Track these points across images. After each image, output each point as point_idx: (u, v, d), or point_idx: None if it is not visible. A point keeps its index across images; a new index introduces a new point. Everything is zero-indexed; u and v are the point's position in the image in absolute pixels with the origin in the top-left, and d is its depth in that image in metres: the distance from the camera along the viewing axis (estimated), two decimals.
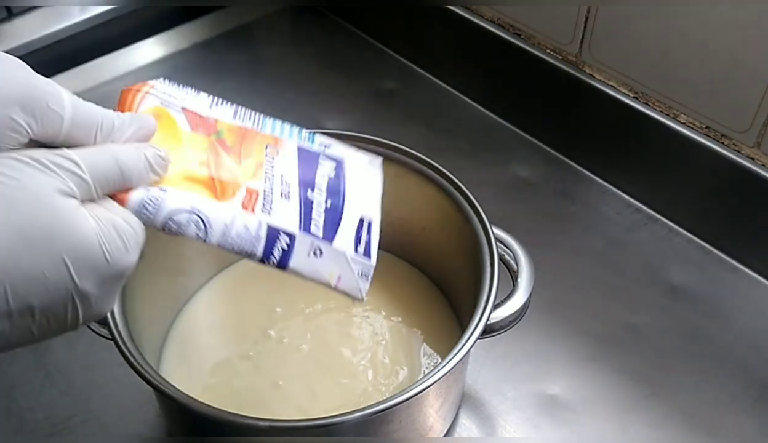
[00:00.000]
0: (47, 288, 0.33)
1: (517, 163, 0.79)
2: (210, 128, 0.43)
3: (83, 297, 0.34)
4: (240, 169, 0.42)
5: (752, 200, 0.66)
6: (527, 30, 0.78)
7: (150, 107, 0.41)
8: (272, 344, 0.59)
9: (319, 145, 0.46)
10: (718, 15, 0.62)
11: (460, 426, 0.58)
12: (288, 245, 0.42)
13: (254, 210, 0.41)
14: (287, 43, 0.97)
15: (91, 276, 0.34)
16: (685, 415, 0.58)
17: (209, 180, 0.41)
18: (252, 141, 0.44)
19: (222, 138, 0.43)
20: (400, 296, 0.62)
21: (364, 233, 0.45)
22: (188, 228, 0.39)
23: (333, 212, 0.44)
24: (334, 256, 0.43)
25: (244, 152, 0.43)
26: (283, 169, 0.44)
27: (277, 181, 0.43)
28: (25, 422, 0.58)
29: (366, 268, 0.44)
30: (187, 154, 0.41)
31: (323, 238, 0.43)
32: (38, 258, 0.33)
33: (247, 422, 0.43)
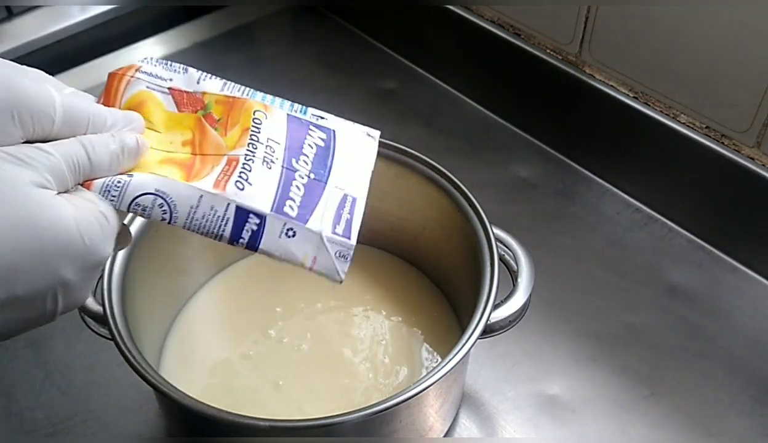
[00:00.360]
0: (30, 277, 0.34)
1: (517, 163, 0.79)
2: (197, 103, 0.42)
3: (64, 285, 0.35)
4: (225, 140, 0.41)
5: (752, 200, 0.66)
6: (527, 30, 0.78)
7: (136, 92, 0.41)
8: (272, 344, 0.59)
9: (312, 116, 0.45)
10: (718, 15, 0.62)
11: (460, 426, 0.58)
12: (258, 225, 0.40)
13: (226, 187, 0.40)
14: (287, 43, 0.97)
15: (71, 264, 0.35)
16: (685, 415, 0.58)
17: (189, 159, 0.40)
18: (240, 108, 0.43)
19: (209, 112, 0.42)
20: (400, 296, 0.62)
21: (345, 211, 0.43)
22: (153, 210, 0.38)
23: (314, 186, 0.43)
24: (309, 237, 0.41)
25: (231, 121, 0.42)
26: (270, 133, 0.43)
27: (261, 146, 0.42)
28: (25, 422, 0.58)
29: (345, 249, 0.42)
30: (171, 137, 0.41)
31: (296, 218, 0.41)
32: (21, 250, 0.33)
33: (247, 422, 0.43)
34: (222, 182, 0.40)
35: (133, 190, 0.38)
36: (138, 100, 0.41)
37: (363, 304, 0.61)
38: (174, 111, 0.42)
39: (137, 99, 0.41)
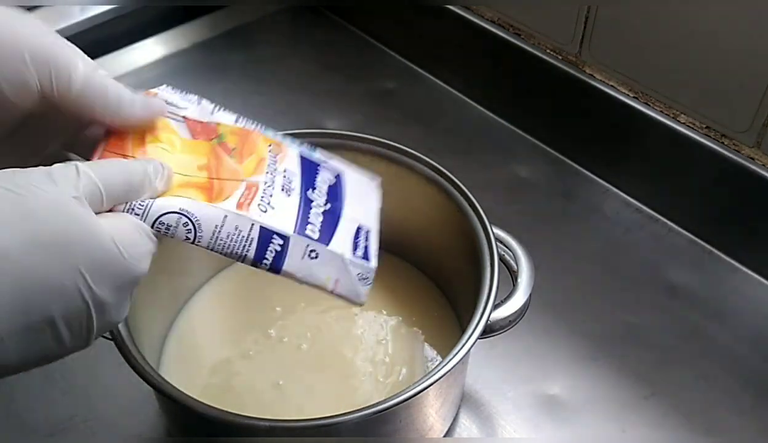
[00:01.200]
0: (65, 297, 0.33)
1: (517, 163, 0.79)
2: (211, 133, 0.43)
3: (99, 305, 0.34)
4: (241, 167, 0.42)
5: (752, 200, 0.66)
6: (527, 30, 0.78)
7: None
8: (272, 344, 0.59)
9: (320, 158, 0.47)
10: (719, 15, 0.62)
11: (460, 426, 0.58)
12: (281, 246, 0.41)
13: (249, 208, 0.40)
14: (287, 43, 0.97)
15: (107, 283, 0.34)
16: (685, 415, 0.58)
17: (207, 182, 0.40)
18: (255, 141, 0.43)
19: (224, 141, 0.43)
20: (400, 296, 0.62)
21: (362, 239, 0.45)
22: (178, 230, 0.39)
23: (331, 215, 0.44)
24: (331, 259, 0.42)
25: (246, 151, 0.43)
26: (286, 165, 0.44)
27: (279, 175, 0.43)
28: (25, 422, 0.57)
29: (365, 271, 0.43)
30: (187, 162, 0.41)
31: (319, 240, 0.42)
32: (56, 267, 0.32)
33: (247, 422, 0.43)
34: (244, 204, 0.40)
35: (157, 208, 0.38)
36: (152, 125, 0.41)
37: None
38: (188, 138, 0.42)
39: (150, 124, 0.41)
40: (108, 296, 0.34)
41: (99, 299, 0.34)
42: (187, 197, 0.39)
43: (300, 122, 0.82)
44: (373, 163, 0.59)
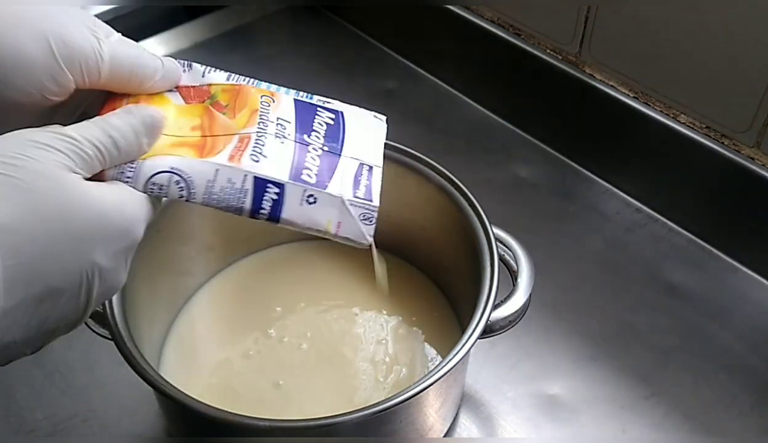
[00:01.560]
0: (64, 265, 0.33)
1: (517, 163, 0.79)
2: (204, 94, 0.42)
3: (98, 270, 0.35)
4: (234, 121, 0.41)
5: (752, 200, 0.66)
6: (527, 30, 0.78)
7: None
8: (272, 343, 0.59)
9: (318, 100, 0.46)
10: (719, 15, 0.62)
11: (460, 426, 0.58)
12: (278, 194, 0.40)
13: (241, 160, 0.39)
14: (287, 43, 0.97)
15: (104, 248, 0.35)
16: (685, 415, 0.58)
17: (200, 140, 0.40)
18: (247, 94, 0.43)
19: (216, 100, 0.42)
20: (400, 296, 0.62)
21: (363, 178, 0.43)
22: (170, 188, 0.38)
23: (330, 156, 0.42)
24: (330, 201, 0.41)
25: (238, 106, 0.42)
26: (279, 113, 0.43)
27: (272, 124, 0.42)
28: (25, 422, 0.57)
29: (368, 211, 0.42)
30: (180, 123, 0.41)
31: (315, 184, 0.41)
32: (55, 236, 0.33)
33: (247, 422, 0.43)
34: (236, 156, 0.40)
35: (148, 169, 0.38)
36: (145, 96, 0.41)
37: (363, 304, 0.61)
38: (182, 104, 0.42)
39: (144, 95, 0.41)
40: (106, 261, 0.35)
41: (98, 264, 0.34)
42: (178, 155, 0.39)
43: None
44: None
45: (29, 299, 0.32)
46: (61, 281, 0.33)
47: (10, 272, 0.31)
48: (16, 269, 0.32)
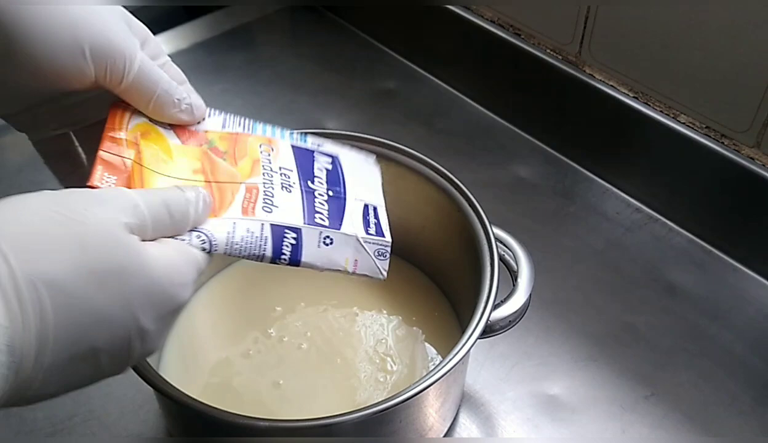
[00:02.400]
0: (112, 327, 0.32)
1: (517, 163, 0.79)
2: (201, 139, 0.43)
3: (142, 334, 0.34)
4: (237, 169, 0.42)
5: (752, 200, 0.66)
6: (527, 30, 0.78)
7: (140, 122, 0.41)
8: (272, 343, 0.59)
9: (312, 143, 0.47)
10: (719, 15, 0.62)
11: (460, 426, 0.58)
12: (296, 239, 0.41)
13: (254, 211, 0.41)
14: (287, 43, 0.97)
15: (152, 312, 0.34)
16: (685, 415, 0.58)
17: (206, 186, 0.41)
18: (245, 143, 0.44)
19: (214, 146, 0.43)
20: (400, 295, 0.62)
21: (371, 217, 0.45)
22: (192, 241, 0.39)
23: (336, 200, 0.44)
24: (346, 241, 0.43)
25: (238, 154, 0.43)
26: (281, 162, 0.44)
27: (276, 174, 0.43)
28: (25, 422, 0.57)
29: (382, 247, 0.44)
30: (180, 166, 0.41)
31: (330, 226, 0.43)
32: (106, 297, 0.32)
33: (247, 422, 0.43)
34: (249, 209, 0.41)
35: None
36: (142, 129, 0.41)
37: (363, 303, 0.61)
38: (178, 143, 0.42)
39: (141, 129, 0.41)
40: (151, 325, 0.34)
41: (143, 328, 0.34)
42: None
43: (300, 122, 0.82)
44: None
45: (72, 358, 0.32)
46: (107, 343, 0.33)
47: (61, 331, 0.31)
48: (66, 328, 0.31)
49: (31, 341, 0.30)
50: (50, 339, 0.30)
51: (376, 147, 0.58)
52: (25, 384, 0.31)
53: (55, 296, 0.30)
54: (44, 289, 0.30)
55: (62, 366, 0.31)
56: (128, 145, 0.40)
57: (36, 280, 0.30)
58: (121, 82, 0.39)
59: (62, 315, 0.31)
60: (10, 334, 0.29)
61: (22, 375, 0.30)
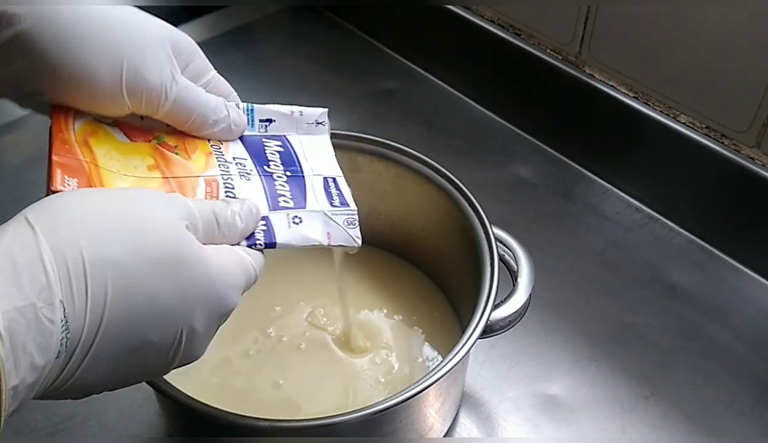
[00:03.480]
0: (166, 317, 0.33)
1: (517, 163, 0.79)
2: (148, 135, 0.43)
3: (191, 333, 0.34)
4: (192, 163, 0.42)
5: (752, 200, 0.66)
6: (527, 30, 0.78)
7: (85, 122, 0.41)
8: (272, 343, 0.59)
9: (260, 124, 0.47)
10: (719, 15, 0.62)
11: (460, 426, 0.58)
12: (266, 225, 0.42)
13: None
14: (287, 43, 0.97)
15: (203, 312, 0.34)
16: (685, 415, 0.58)
17: (164, 181, 0.41)
18: (193, 137, 0.44)
19: (163, 141, 0.43)
20: (400, 295, 0.62)
21: (333, 189, 0.46)
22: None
23: (295, 179, 0.45)
24: (314, 217, 0.44)
25: (189, 148, 0.43)
26: (233, 153, 0.45)
27: (231, 165, 0.44)
28: (25, 422, 0.57)
29: (349, 216, 0.45)
30: (134, 163, 0.41)
31: (295, 207, 0.43)
32: (166, 285, 0.32)
33: (247, 422, 0.43)
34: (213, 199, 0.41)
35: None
36: (89, 129, 0.41)
37: (363, 303, 0.61)
38: (126, 141, 0.42)
39: (87, 128, 0.41)
40: (200, 325, 0.34)
41: (193, 326, 0.34)
42: None
43: None
44: (373, 163, 0.59)
45: (123, 347, 0.32)
46: (158, 335, 0.33)
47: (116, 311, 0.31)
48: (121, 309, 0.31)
49: (85, 321, 0.30)
50: (104, 320, 0.30)
51: (376, 147, 0.58)
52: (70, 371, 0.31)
53: (116, 277, 0.31)
54: (109, 269, 0.30)
55: (111, 353, 0.31)
56: (80, 146, 0.40)
57: (102, 261, 0.30)
58: (157, 112, 0.40)
59: (120, 297, 0.31)
60: (70, 313, 0.29)
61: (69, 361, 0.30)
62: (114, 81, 0.38)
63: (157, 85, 0.39)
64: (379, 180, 0.60)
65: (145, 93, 0.39)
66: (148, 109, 0.40)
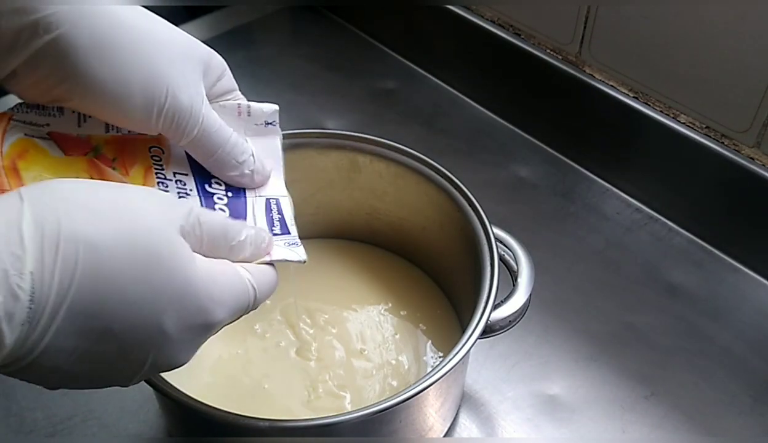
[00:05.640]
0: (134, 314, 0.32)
1: (517, 163, 0.79)
2: (85, 146, 0.40)
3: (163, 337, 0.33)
4: (128, 179, 0.41)
5: (752, 200, 0.66)
6: (527, 30, 0.78)
7: (15, 140, 0.39)
8: (272, 343, 0.59)
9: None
10: (718, 15, 0.62)
11: (460, 426, 0.58)
12: None
13: None
14: (287, 43, 0.97)
15: (178, 316, 0.33)
16: (685, 415, 0.58)
17: None
18: (133, 147, 0.41)
19: (101, 154, 0.41)
20: (400, 295, 0.62)
21: (275, 212, 0.44)
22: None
23: (236, 201, 0.43)
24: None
25: (128, 161, 0.41)
26: (174, 167, 0.42)
27: (171, 182, 0.42)
28: (25, 422, 0.57)
29: (289, 240, 0.43)
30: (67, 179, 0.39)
31: None
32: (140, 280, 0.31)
33: (247, 422, 0.43)
34: None
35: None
36: (19, 149, 0.39)
37: (363, 303, 0.61)
38: (60, 156, 0.40)
39: (17, 148, 0.39)
40: (173, 331, 0.33)
41: (165, 331, 0.33)
42: None
43: (300, 122, 0.82)
44: (373, 163, 0.59)
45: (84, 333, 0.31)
46: (123, 330, 0.32)
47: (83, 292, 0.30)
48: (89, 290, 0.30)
49: (51, 294, 0.30)
50: (69, 298, 0.30)
51: (376, 147, 0.58)
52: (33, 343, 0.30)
53: (87, 258, 0.30)
54: (81, 248, 0.30)
55: (71, 337, 0.31)
56: (8, 174, 0.38)
57: (76, 238, 0.30)
58: (181, 140, 0.40)
59: (88, 278, 0.30)
60: (38, 284, 0.29)
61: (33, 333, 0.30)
62: (146, 99, 0.38)
63: (188, 109, 0.39)
64: (379, 180, 0.60)
65: (177, 116, 0.39)
66: (175, 136, 0.40)
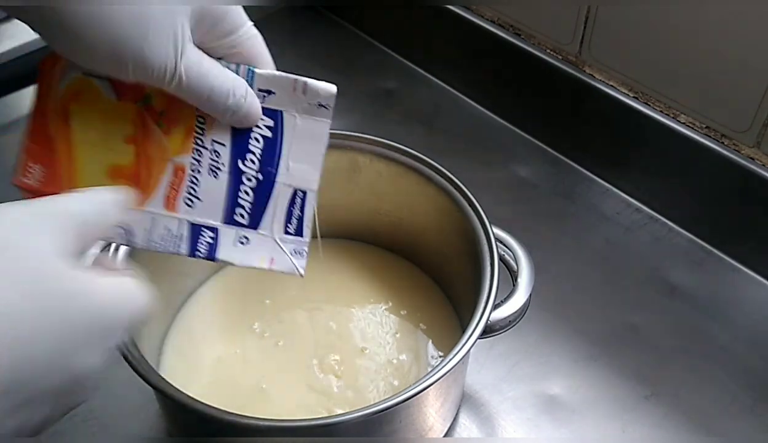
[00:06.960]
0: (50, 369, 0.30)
1: (517, 163, 0.79)
2: (138, 92, 0.41)
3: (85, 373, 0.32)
4: (168, 140, 0.41)
5: (752, 200, 0.66)
6: (527, 30, 0.78)
7: (72, 79, 0.40)
8: (272, 342, 0.59)
9: (258, 95, 0.43)
10: (718, 15, 0.62)
11: (460, 426, 0.58)
12: (212, 238, 0.42)
13: (176, 205, 0.41)
14: (287, 43, 0.97)
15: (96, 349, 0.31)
16: (685, 415, 0.58)
17: (134, 169, 0.40)
18: (182, 103, 0.41)
19: (150, 104, 0.41)
20: (400, 294, 0.62)
21: (296, 208, 0.43)
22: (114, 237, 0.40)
23: (264, 186, 0.43)
24: (262, 241, 0.43)
25: (173, 118, 0.41)
26: (214, 134, 0.42)
27: (206, 152, 0.42)
28: None
29: (299, 246, 0.44)
30: (113, 131, 0.40)
31: (248, 226, 0.43)
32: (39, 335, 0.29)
33: (247, 422, 0.43)
34: (172, 199, 0.41)
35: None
36: (74, 89, 0.40)
37: (363, 303, 0.61)
38: (113, 98, 0.40)
39: (73, 88, 0.40)
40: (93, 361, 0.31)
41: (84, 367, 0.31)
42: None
43: None
44: (373, 163, 0.59)
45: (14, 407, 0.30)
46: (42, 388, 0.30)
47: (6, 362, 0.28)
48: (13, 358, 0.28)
49: None
50: None
51: (376, 147, 0.58)
52: None
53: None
54: None
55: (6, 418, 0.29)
56: (58, 116, 0.39)
57: None
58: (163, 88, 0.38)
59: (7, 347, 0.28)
60: None
61: None
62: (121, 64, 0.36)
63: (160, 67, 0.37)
64: (379, 180, 0.60)
65: (147, 75, 0.37)
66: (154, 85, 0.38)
